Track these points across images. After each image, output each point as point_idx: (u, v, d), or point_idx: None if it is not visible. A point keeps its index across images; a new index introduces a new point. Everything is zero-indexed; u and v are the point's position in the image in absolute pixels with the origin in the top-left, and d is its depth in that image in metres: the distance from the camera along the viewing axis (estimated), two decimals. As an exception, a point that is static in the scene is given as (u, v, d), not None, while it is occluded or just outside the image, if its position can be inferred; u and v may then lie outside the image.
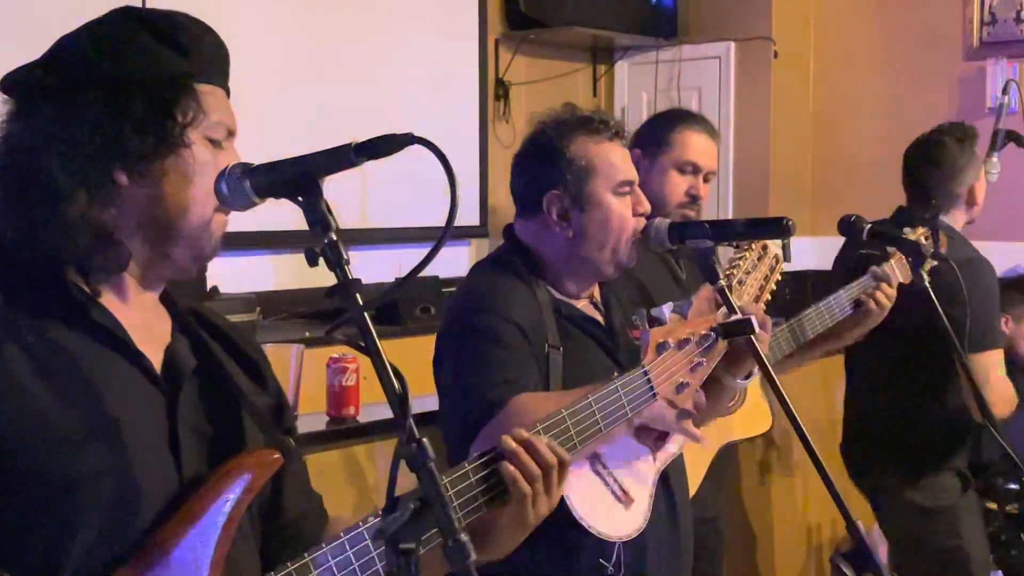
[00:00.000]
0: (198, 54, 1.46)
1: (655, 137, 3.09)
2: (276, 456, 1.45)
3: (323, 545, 1.45)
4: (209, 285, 3.37)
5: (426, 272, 1.44)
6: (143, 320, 1.47)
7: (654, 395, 1.95)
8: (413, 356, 2.39)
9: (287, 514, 1.59)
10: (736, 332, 2.04)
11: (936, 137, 3.39)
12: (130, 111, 1.40)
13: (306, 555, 1.44)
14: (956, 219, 3.40)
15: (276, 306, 3.80)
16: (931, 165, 3.38)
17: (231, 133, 1.49)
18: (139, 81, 1.41)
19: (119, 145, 1.40)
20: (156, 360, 1.46)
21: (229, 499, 1.39)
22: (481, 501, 1.65)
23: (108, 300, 1.43)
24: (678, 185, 3.05)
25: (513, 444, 1.69)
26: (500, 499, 1.67)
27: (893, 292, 2.88)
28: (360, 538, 1.47)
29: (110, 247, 1.41)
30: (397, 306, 3.86)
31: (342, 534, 1.46)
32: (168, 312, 1.52)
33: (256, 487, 1.42)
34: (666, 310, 2.02)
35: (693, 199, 3.07)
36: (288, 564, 1.42)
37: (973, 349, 3.06)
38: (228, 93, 1.52)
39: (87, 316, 1.40)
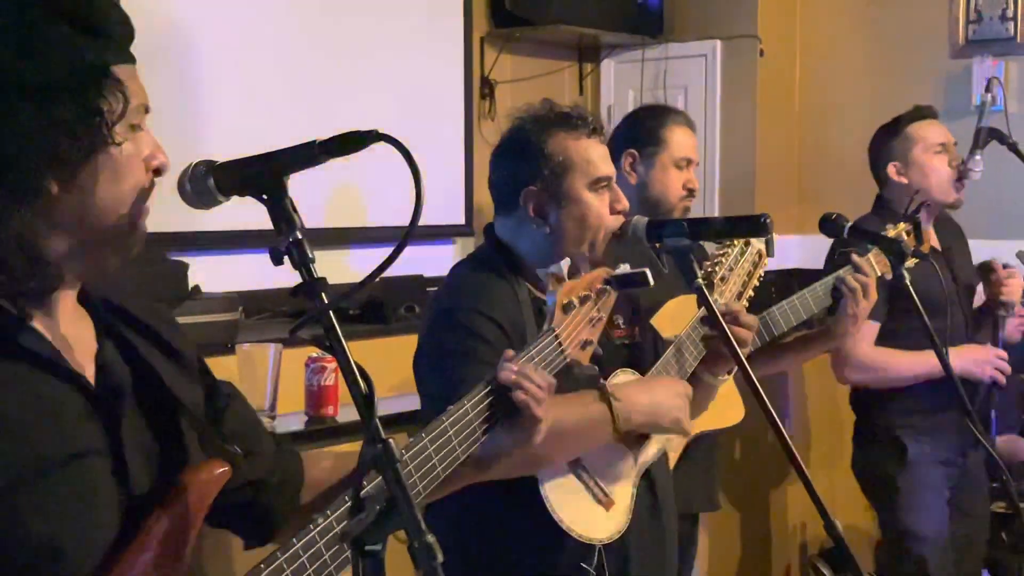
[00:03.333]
0: (112, 35, 1.38)
1: (648, 136, 3.16)
2: (223, 470, 1.42)
3: (277, 555, 1.42)
4: (191, 284, 3.35)
5: (411, 271, 1.42)
6: (71, 330, 1.41)
7: (565, 357, 1.96)
8: (398, 355, 2.39)
9: (262, 478, 1.59)
10: (630, 283, 2.04)
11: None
12: (60, 116, 1.32)
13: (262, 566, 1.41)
14: (901, 200, 3.54)
15: (259, 305, 3.78)
16: (868, 154, 3.70)
17: (147, 111, 1.42)
18: (62, 80, 1.32)
19: (51, 154, 1.31)
20: (89, 373, 1.40)
21: (184, 521, 1.37)
22: (479, 433, 1.78)
23: (37, 319, 1.36)
24: (677, 181, 3.20)
25: (514, 376, 1.82)
26: (494, 427, 1.80)
27: (867, 279, 2.89)
28: (312, 542, 1.46)
29: (42, 268, 1.34)
30: (382, 305, 3.85)
31: (294, 540, 1.44)
32: (87, 311, 1.46)
33: (207, 504, 1.39)
34: (564, 265, 2.01)
35: (691, 192, 3.20)
36: None
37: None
38: (135, 60, 1.43)
39: (17, 342, 1.33)
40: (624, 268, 2.06)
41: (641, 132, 3.19)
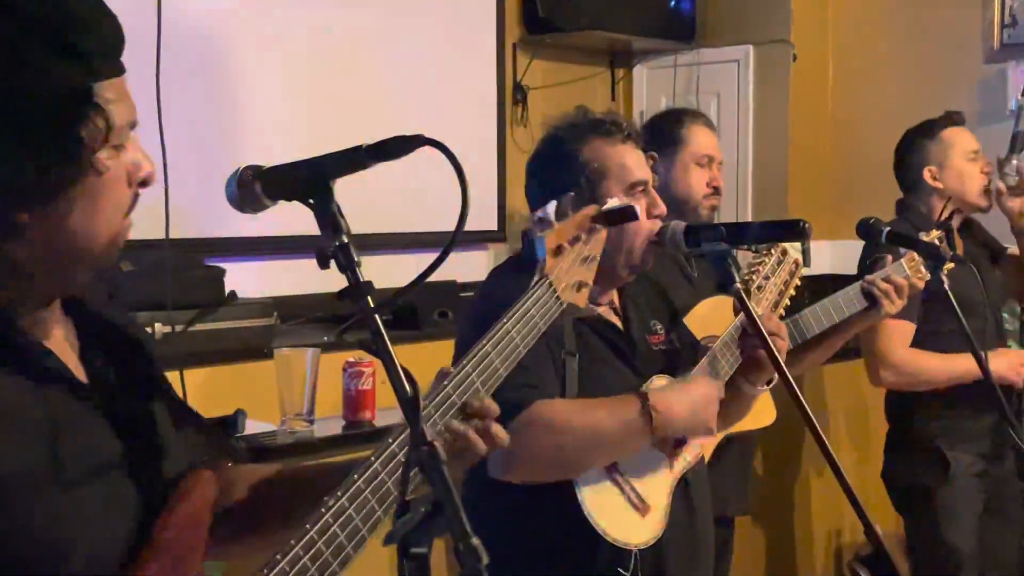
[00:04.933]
0: (98, 51, 1.26)
1: (667, 137, 3.17)
2: (209, 475, 1.41)
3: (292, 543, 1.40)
4: (227, 290, 3.37)
5: (444, 277, 1.43)
6: (59, 334, 1.38)
7: (561, 303, 1.87)
8: (430, 360, 2.38)
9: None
10: (618, 218, 1.97)
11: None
12: (30, 146, 1.22)
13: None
14: (932, 205, 3.55)
15: (294, 310, 3.80)
16: (895, 159, 3.69)
17: (134, 126, 1.33)
18: (39, 110, 1.22)
19: (21, 189, 1.23)
20: (79, 374, 1.38)
21: (193, 524, 1.37)
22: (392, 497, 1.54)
23: (27, 323, 1.33)
24: (700, 178, 3.19)
25: None
26: None
27: (901, 282, 2.88)
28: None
29: (23, 286, 1.30)
30: (415, 311, 3.86)
31: (308, 526, 1.41)
32: (68, 316, 1.43)
33: (209, 507, 1.39)
34: (550, 209, 1.93)
35: (715, 190, 3.20)
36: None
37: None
38: (124, 71, 1.31)
39: (13, 345, 1.30)
40: (613, 202, 1.99)
41: (660, 134, 3.19)
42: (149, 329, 2.90)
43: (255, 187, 1.41)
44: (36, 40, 1.23)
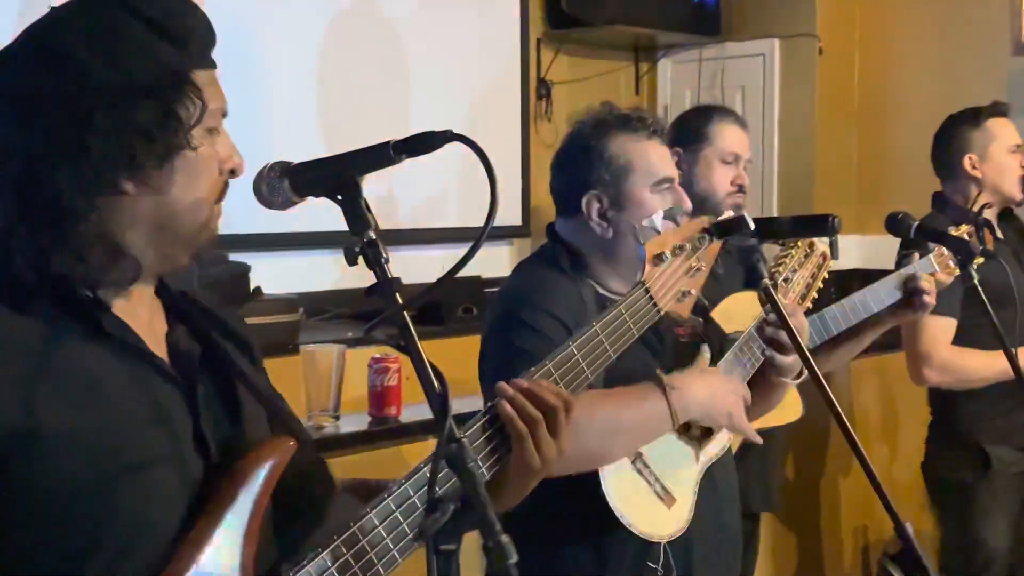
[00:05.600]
0: (192, 40, 1.40)
1: (693, 134, 3.13)
2: (291, 443, 1.42)
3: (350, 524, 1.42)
4: (252, 286, 3.38)
5: (468, 272, 1.43)
6: (146, 317, 1.44)
7: (658, 310, 1.87)
8: (455, 356, 2.38)
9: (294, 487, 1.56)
10: (730, 229, 1.96)
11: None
12: (137, 120, 1.34)
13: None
14: (968, 195, 3.51)
15: (319, 306, 3.81)
16: (934, 144, 3.61)
17: (224, 115, 1.44)
18: (142, 85, 1.34)
19: (128, 156, 1.34)
20: (162, 352, 1.44)
21: (254, 494, 1.38)
22: (491, 460, 1.60)
23: (117, 307, 1.40)
24: (724, 176, 3.13)
25: (511, 391, 1.61)
26: (507, 453, 1.61)
27: (931, 281, 2.85)
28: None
29: (121, 261, 1.38)
30: (439, 307, 3.86)
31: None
32: (160, 300, 1.49)
33: (276, 476, 1.40)
34: (657, 219, 1.95)
35: (740, 188, 3.14)
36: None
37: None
38: (216, 65, 1.45)
39: (101, 328, 1.36)
40: (727, 214, 2.00)
41: (686, 131, 3.17)
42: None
43: (283, 184, 1.41)
44: (138, 24, 1.36)
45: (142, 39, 1.36)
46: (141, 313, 1.44)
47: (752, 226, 1.98)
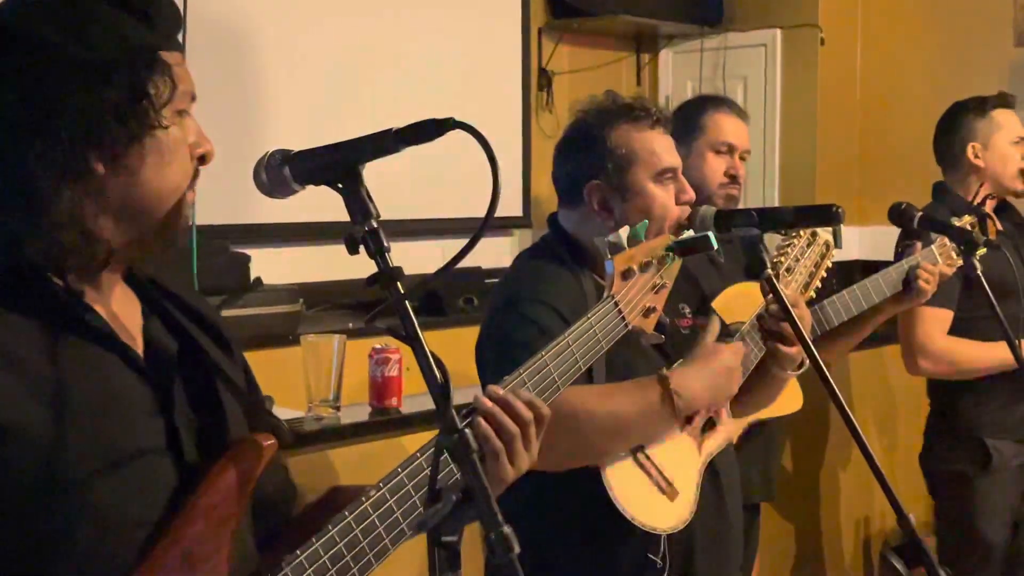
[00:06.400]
0: (160, 20, 1.39)
1: (687, 123, 3.11)
2: (271, 442, 1.41)
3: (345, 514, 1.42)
4: (252, 276, 3.37)
5: (469, 263, 1.42)
6: (119, 308, 1.42)
7: (626, 324, 1.90)
8: (456, 347, 2.38)
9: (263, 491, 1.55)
10: (692, 248, 1.99)
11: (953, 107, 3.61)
12: (107, 97, 1.32)
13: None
14: (969, 186, 3.50)
15: (319, 297, 3.80)
16: (937, 131, 3.59)
17: (193, 99, 1.43)
18: (112, 62, 1.32)
19: (99, 135, 1.32)
20: (138, 347, 1.42)
21: (232, 490, 1.37)
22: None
23: (88, 295, 1.38)
24: (717, 167, 3.11)
25: (489, 404, 1.60)
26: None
27: (934, 270, 2.85)
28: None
29: (92, 245, 1.35)
30: (440, 297, 3.85)
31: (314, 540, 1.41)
32: (133, 291, 1.48)
33: (256, 475, 1.39)
34: (623, 235, 1.97)
35: (733, 179, 3.12)
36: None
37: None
38: (183, 48, 1.44)
39: (72, 317, 1.34)
40: (688, 233, 2.03)
41: (682, 120, 3.14)
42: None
43: (284, 172, 1.40)
44: (111, 2, 1.35)
45: (109, 17, 1.34)
46: (114, 304, 1.42)
47: (715, 245, 2.00)
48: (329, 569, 1.39)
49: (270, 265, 3.51)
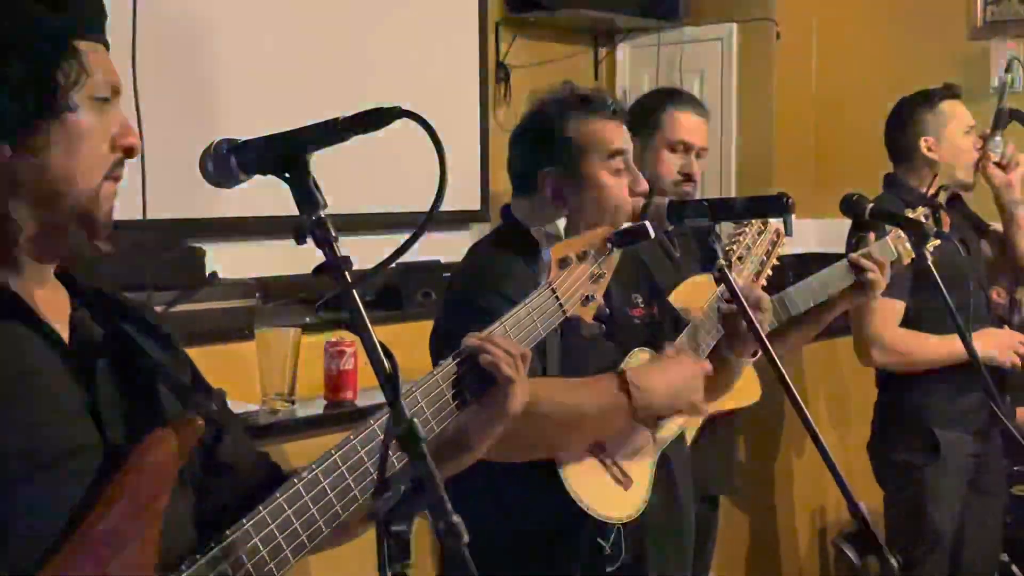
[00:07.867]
0: (75, 9, 1.40)
1: (644, 118, 3.09)
2: (199, 423, 1.40)
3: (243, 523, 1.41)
4: (208, 270, 3.35)
5: (427, 256, 1.41)
6: (42, 294, 1.42)
7: (564, 312, 1.91)
8: (414, 341, 2.37)
9: (231, 468, 1.57)
10: (631, 240, 2.00)
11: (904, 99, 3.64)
12: (6, 77, 1.33)
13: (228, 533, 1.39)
14: (922, 177, 3.53)
15: (276, 292, 3.77)
16: (887, 126, 3.64)
17: (116, 91, 1.43)
18: (13, 44, 1.34)
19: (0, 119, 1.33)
20: (63, 332, 1.42)
21: (156, 473, 1.36)
22: (452, 406, 1.66)
23: (10, 280, 1.38)
24: (671, 164, 3.09)
25: (478, 340, 1.70)
26: (469, 398, 1.68)
27: (883, 261, 2.86)
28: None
29: (5, 226, 1.36)
30: (398, 291, 3.84)
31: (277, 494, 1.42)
32: (66, 288, 1.48)
33: (183, 453, 1.38)
34: (559, 223, 1.99)
35: (687, 177, 3.10)
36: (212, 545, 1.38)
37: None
38: (108, 47, 1.44)
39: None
40: (625, 225, 2.04)
41: (637, 115, 3.13)
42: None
43: (230, 161, 1.39)
44: None
45: (23, 7, 1.36)
46: (40, 292, 1.42)
47: (652, 234, 2.01)
48: (277, 537, 1.40)
49: (226, 259, 3.49)
